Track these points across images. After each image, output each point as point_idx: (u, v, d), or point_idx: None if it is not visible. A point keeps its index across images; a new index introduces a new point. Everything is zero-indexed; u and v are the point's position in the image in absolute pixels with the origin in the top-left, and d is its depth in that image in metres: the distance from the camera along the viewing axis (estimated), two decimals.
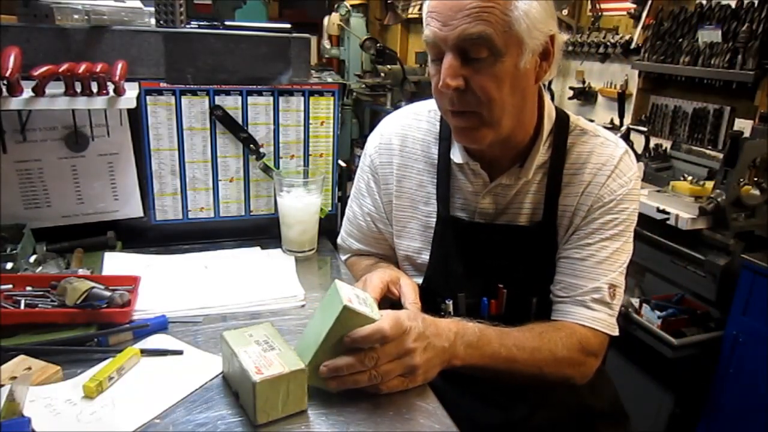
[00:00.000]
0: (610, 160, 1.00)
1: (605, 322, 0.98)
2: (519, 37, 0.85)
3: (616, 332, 1.00)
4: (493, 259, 1.05)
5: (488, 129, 0.92)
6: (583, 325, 0.97)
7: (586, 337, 0.96)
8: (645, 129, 2.52)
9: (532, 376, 0.93)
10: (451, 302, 1.06)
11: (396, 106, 3.88)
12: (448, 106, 0.92)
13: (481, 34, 0.83)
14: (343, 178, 1.56)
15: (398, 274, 1.03)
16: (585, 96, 3.12)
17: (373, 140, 1.15)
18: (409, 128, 1.11)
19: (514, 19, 0.84)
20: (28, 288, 1.04)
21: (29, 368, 0.84)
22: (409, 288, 0.97)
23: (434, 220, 1.07)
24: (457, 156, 1.03)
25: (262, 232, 1.46)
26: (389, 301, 0.97)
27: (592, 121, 1.10)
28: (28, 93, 1.06)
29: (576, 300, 0.98)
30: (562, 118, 1.03)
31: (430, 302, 1.05)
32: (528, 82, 0.92)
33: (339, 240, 1.26)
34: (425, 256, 1.09)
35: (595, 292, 0.98)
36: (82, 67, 1.08)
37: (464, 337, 0.87)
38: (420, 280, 1.11)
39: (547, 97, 1.03)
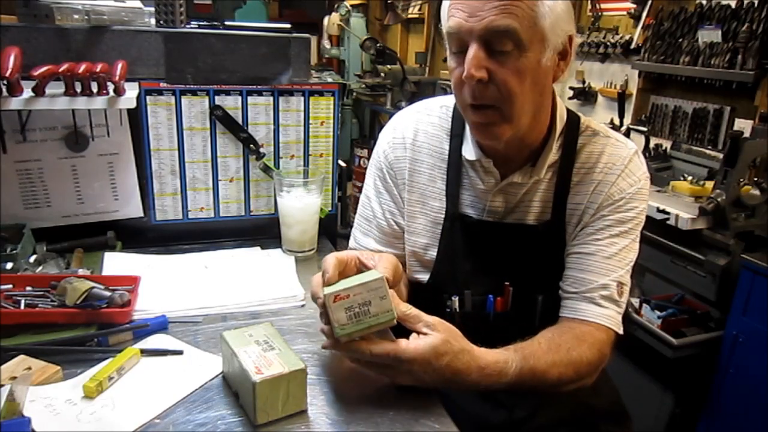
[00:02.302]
0: (620, 160, 1.01)
1: (614, 319, 0.98)
2: (543, 33, 0.86)
3: (621, 330, 1.00)
4: (500, 256, 1.05)
5: (507, 125, 0.92)
6: (594, 322, 0.97)
7: (601, 340, 0.96)
8: (645, 129, 2.52)
9: (552, 390, 0.94)
10: (457, 299, 1.06)
11: (396, 106, 3.88)
12: (468, 99, 0.91)
13: (508, 28, 0.83)
14: (343, 178, 1.56)
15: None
16: (585, 96, 3.11)
17: (386, 135, 1.15)
18: (421, 123, 1.11)
19: (539, 15, 0.85)
20: (28, 288, 1.04)
21: (29, 368, 0.84)
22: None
23: (443, 216, 1.07)
24: (469, 153, 1.03)
25: (262, 232, 1.46)
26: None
27: None
28: (28, 93, 1.06)
29: (585, 296, 0.98)
30: (572, 119, 1.04)
31: (437, 299, 1.05)
32: (547, 79, 0.92)
33: (351, 242, 1.21)
34: (432, 253, 1.09)
35: (603, 289, 0.98)
36: (82, 67, 1.08)
37: (490, 379, 0.85)
38: (426, 277, 1.11)
39: (558, 98, 1.03)
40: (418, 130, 1.11)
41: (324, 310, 0.81)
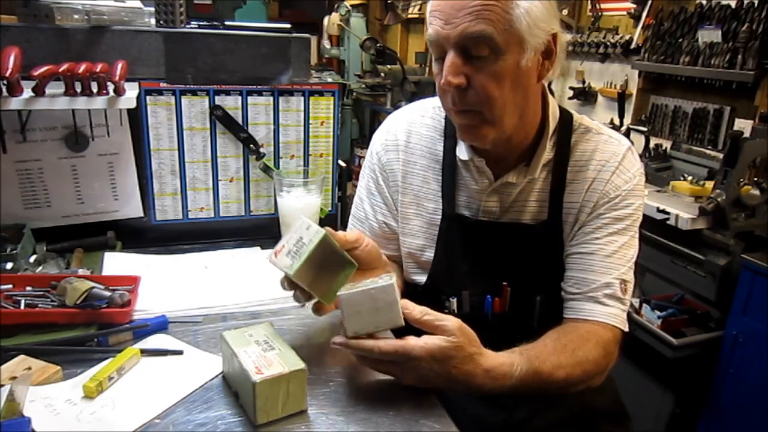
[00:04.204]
0: (613, 156, 1.01)
1: (619, 317, 0.98)
2: (520, 35, 0.86)
3: (626, 328, 1.00)
4: (497, 257, 1.05)
5: (490, 127, 0.92)
6: (599, 321, 0.97)
7: (606, 339, 0.96)
8: (645, 129, 2.52)
9: (561, 392, 0.93)
10: (455, 300, 1.06)
11: (396, 106, 3.87)
12: (450, 104, 0.93)
13: (481, 33, 0.84)
14: (343, 178, 1.56)
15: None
16: (585, 96, 3.11)
17: (380, 137, 1.15)
18: (414, 124, 1.11)
19: (515, 18, 0.85)
20: (28, 288, 1.04)
21: (29, 368, 0.84)
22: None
23: (439, 217, 1.07)
24: (463, 153, 1.03)
25: (262, 232, 1.46)
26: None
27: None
28: (28, 93, 1.06)
29: (588, 296, 0.98)
30: (566, 117, 1.04)
31: (435, 301, 1.05)
32: (530, 80, 0.92)
33: None
34: (429, 254, 1.09)
35: (606, 288, 0.97)
36: (82, 67, 1.08)
37: (495, 382, 0.85)
38: (423, 279, 1.11)
39: (551, 96, 1.03)
40: (411, 132, 1.11)
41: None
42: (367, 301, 0.82)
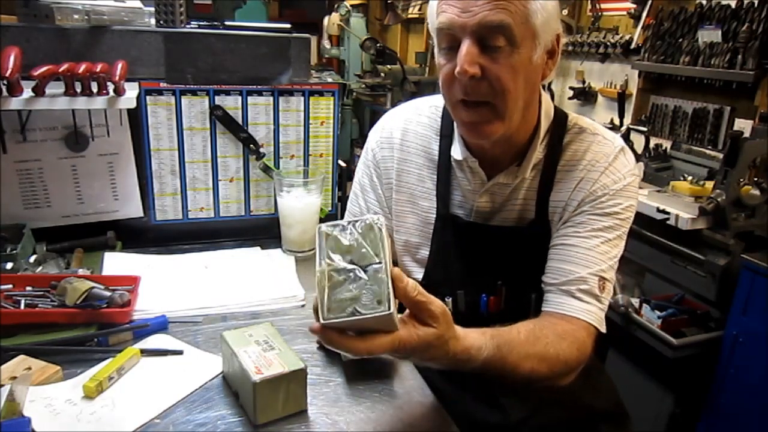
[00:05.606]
0: (604, 157, 1.00)
1: (595, 315, 0.96)
2: (534, 30, 0.86)
3: (603, 328, 0.98)
4: (491, 257, 1.05)
5: (499, 122, 0.91)
6: (574, 317, 0.95)
7: (581, 340, 0.94)
8: (645, 129, 2.52)
9: (522, 384, 0.91)
10: (450, 299, 1.05)
11: (395, 106, 3.88)
12: (460, 95, 0.90)
13: (501, 23, 0.83)
14: (343, 178, 1.57)
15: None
16: (585, 96, 3.11)
17: (375, 134, 1.15)
18: (410, 122, 1.11)
19: (531, 12, 0.85)
20: (28, 288, 1.04)
21: (29, 368, 0.84)
22: None
23: (433, 216, 1.07)
24: (457, 152, 1.03)
25: (262, 232, 1.46)
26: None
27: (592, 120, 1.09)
28: (28, 93, 1.06)
29: (563, 290, 0.97)
30: (559, 117, 1.03)
31: None
32: (537, 77, 0.92)
33: None
34: (424, 252, 1.09)
35: (582, 282, 0.96)
36: (82, 67, 1.08)
37: (457, 365, 0.81)
38: (420, 275, 1.11)
39: (545, 96, 1.03)
40: (407, 130, 1.11)
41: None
42: (361, 325, 0.70)
